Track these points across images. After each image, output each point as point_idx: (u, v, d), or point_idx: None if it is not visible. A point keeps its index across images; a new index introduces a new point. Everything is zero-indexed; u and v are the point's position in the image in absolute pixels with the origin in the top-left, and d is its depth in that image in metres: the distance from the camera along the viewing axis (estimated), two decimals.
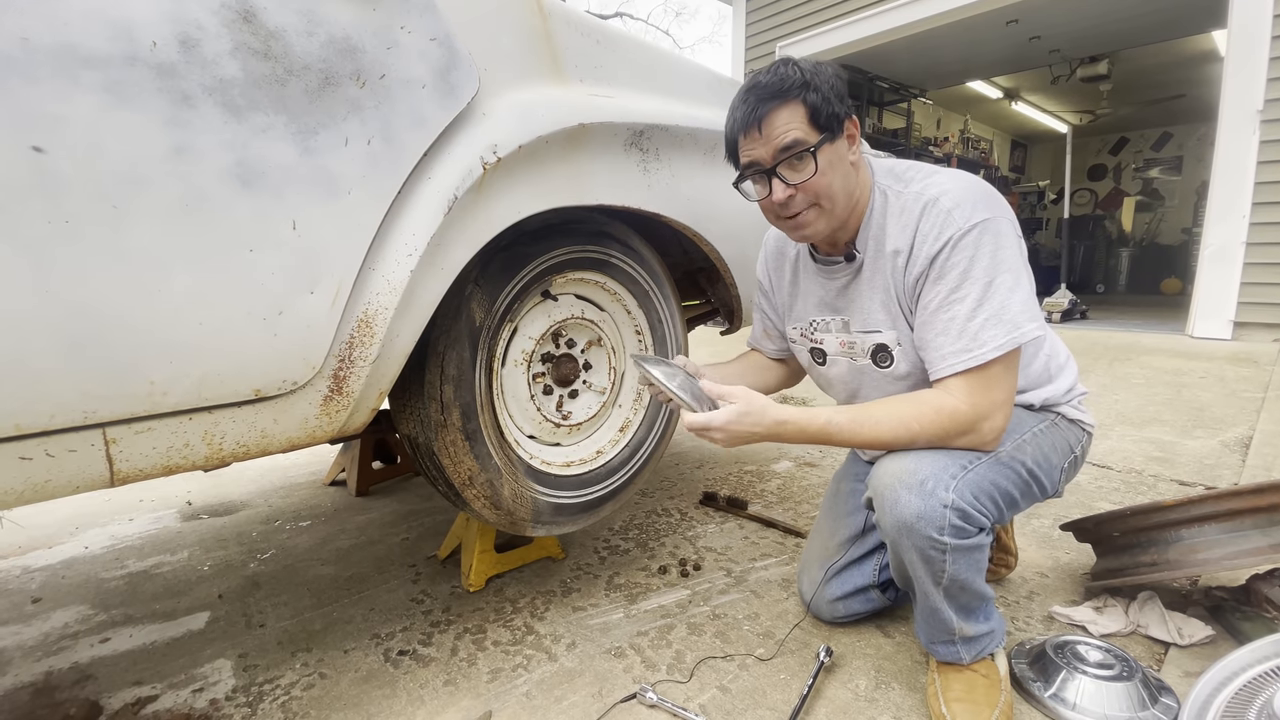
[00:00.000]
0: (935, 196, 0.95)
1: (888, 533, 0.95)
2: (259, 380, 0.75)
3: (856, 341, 1.09)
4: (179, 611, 1.40)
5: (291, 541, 1.74)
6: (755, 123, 0.94)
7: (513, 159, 0.95)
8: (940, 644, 1.03)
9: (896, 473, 0.93)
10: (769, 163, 0.95)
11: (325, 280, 0.77)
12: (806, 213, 0.98)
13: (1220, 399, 2.78)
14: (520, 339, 1.19)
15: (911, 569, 0.96)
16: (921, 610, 1.02)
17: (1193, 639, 1.16)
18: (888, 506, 0.93)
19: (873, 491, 0.97)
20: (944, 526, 0.90)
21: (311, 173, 0.76)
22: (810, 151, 0.93)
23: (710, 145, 1.32)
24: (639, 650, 1.19)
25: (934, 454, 0.94)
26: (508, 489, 1.14)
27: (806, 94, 0.92)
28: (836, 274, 1.09)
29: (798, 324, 1.19)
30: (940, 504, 0.89)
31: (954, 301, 0.92)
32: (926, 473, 0.91)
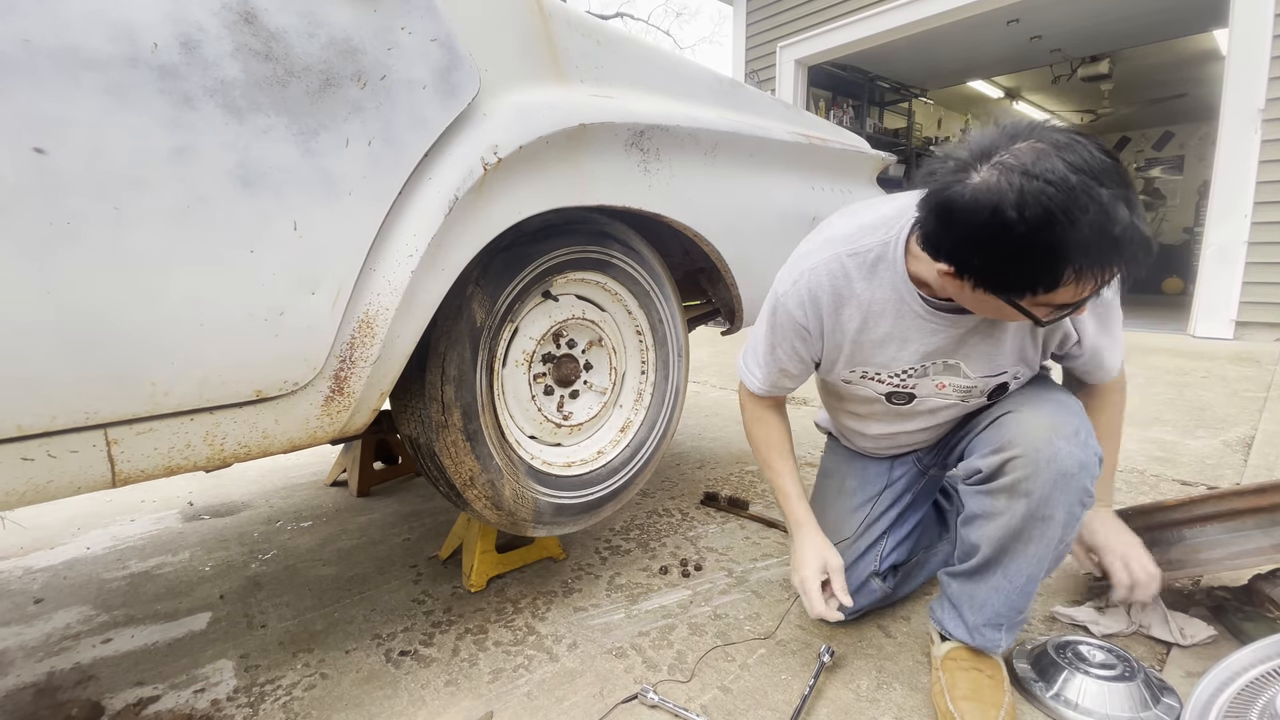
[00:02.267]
0: None
1: (1034, 489, 0.91)
2: (260, 381, 0.76)
3: (976, 385, 1.04)
4: (181, 612, 1.40)
5: (293, 542, 1.74)
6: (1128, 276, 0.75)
7: (513, 159, 0.95)
8: (992, 627, 1.02)
9: (1049, 425, 0.92)
10: (1074, 307, 0.80)
11: (326, 281, 0.77)
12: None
13: (1222, 399, 2.78)
14: (521, 339, 1.19)
15: (1044, 529, 0.94)
16: (1001, 583, 1.00)
17: (1195, 639, 1.16)
18: (1044, 460, 0.90)
19: (1019, 449, 0.92)
20: (1094, 477, 0.92)
21: (312, 174, 0.76)
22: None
23: (711, 146, 1.32)
24: (640, 650, 1.19)
25: (1064, 408, 0.96)
26: (509, 489, 1.14)
27: None
28: (963, 322, 0.98)
29: (871, 368, 1.07)
30: (1094, 453, 0.91)
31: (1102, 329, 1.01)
32: (1077, 423, 0.92)
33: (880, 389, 1.09)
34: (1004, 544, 0.97)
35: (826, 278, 1.02)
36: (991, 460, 0.97)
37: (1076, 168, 0.68)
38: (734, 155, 1.38)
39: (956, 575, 1.06)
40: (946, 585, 1.08)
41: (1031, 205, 0.68)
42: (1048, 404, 0.98)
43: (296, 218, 0.75)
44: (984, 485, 0.98)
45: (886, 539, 1.23)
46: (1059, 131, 0.72)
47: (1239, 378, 3.09)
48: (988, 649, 1.02)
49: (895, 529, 1.24)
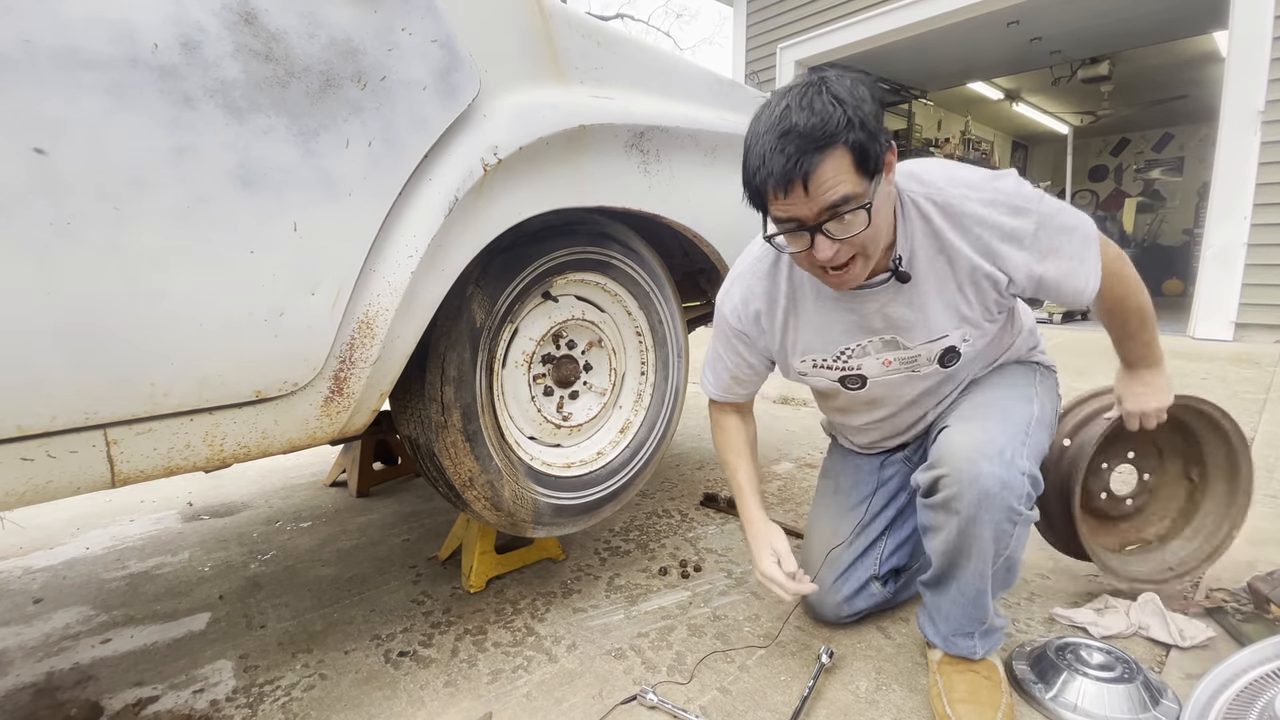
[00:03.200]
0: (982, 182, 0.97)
1: (961, 509, 0.91)
2: (260, 381, 0.76)
3: (920, 354, 1.03)
4: (180, 612, 1.40)
5: (292, 542, 1.74)
6: (800, 179, 0.80)
7: (513, 160, 0.95)
8: (962, 636, 1.02)
9: (973, 444, 0.92)
10: (813, 220, 0.83)
11: (326, 282, 0.78)
12: (852, 264, 0.90)
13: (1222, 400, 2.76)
14: (521, 340, 1.19)
15: (977, 546, 0.94)
16: (959, 598, 1.00)
17: (1194, 640, 1.16)
18: (967, 480, 0.90)
19: (946, 468, 0.93)
20: (1022, 495, 0.91)
21: (313, 174, 0.76)
22: (865, 207, 0.83)
23: (711, 147, 1.32)
24: (639, 651, 1.19)
25: (1000, 423, 0.96)
26: (508, 490, 1.14)
27: (851, 135, 0.79)
28: (873, 298, 1.00)
29: (814, 356, 1.09)
30: (1020, 472, 0.90)
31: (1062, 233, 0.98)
32: (1003, 442, 0.92)
33: (832, 375, 1.11)
34: (949, 558, 0.99)
35: (753, 281, 1.08)
36: (926, 476, 0.98)
37: (780, 93, 0.85)
38: (734, 156, 1.37)
39: (925, 585, 1.07)
40: (923, 594, 1.09)
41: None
42: (981, 419, 0.99)
43: (297, 218, 0.75)
44: (924, 500, 1.00)
45: (885, 540, 1.23)
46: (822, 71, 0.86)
47: (1239, 379, 3.09)
48: (965, 655, 1.02)
49: (894, 531, 1.24)
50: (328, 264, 0.78)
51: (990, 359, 1.15)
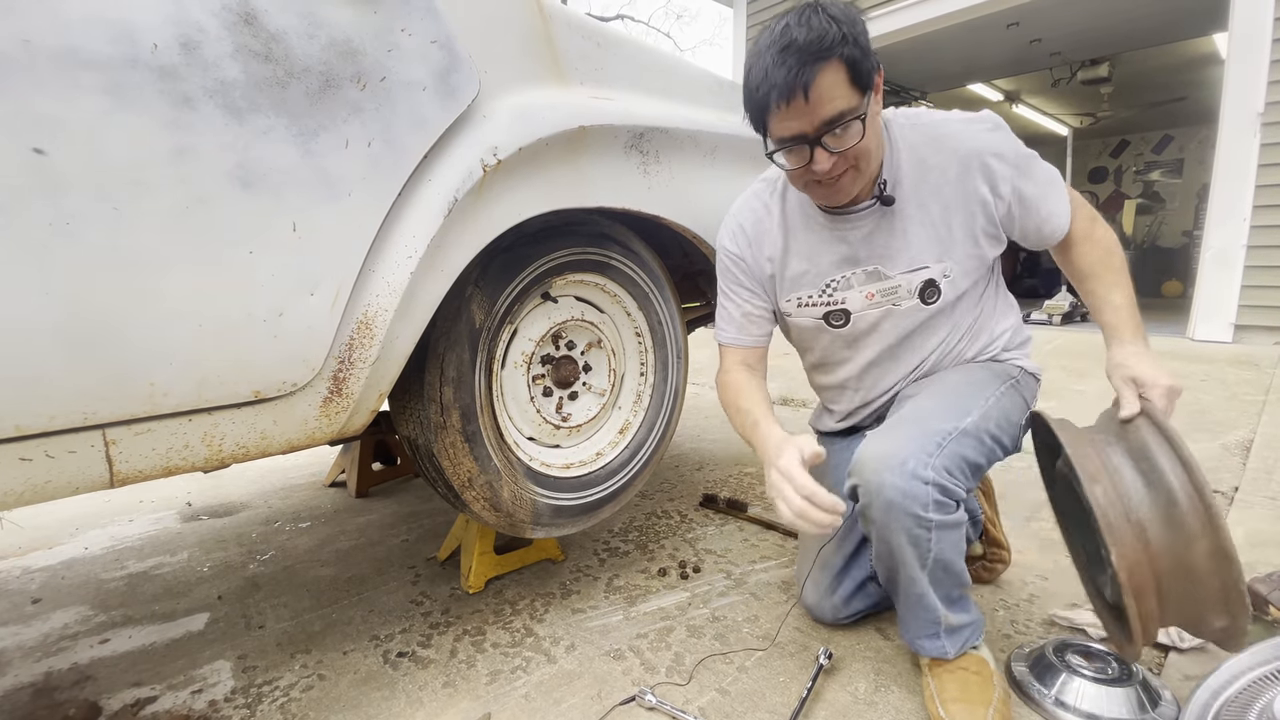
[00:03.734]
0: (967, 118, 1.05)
1: (875, 518, 0.94)
2: (259, 382, 0.76)
3: (899, 285, 1.06)
4: (178, 613, 1.40)
5: (291, 543, 1.74)
6: (800, 89, 0.84)
7: (513, 161, 0.95)
8: (926, 638, 1.02)
9: (878, 456, 0.93)
10: (813, 133, 0.89)
11: (325, 282, 0.78)
12: (845, 176, 0.95)
13: (1221, 402, 2.78)
14: (520, 341, 1.19)
15: (898, 553, 0.95)
16: (906, 602, 1.02)
17: (1192, 642, 1.16)
18: (873, 491, 0.93)
19: (858, 479, 0.95)
20: (927, 503, 0.90)
21: (312, 175, 0.76)
22: (860, 118, 0.88)
23: (711, 148, 1.32)
24: (638, 652, 1.19)
25: (910, 434, 0.95)
26: (507, 491, 1.14)
27: (846, 49, 0.85)
28: (860, 221, 1.05)
29: (802, 291, 1.12)
30: (922, 481, 0.90)
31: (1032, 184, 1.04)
32: (906, 453, 0.92)
33: (816, 313, 1.14)
34: (883, 563, 1.01)
35: (748, 210, 1.16)
36: (848, 484, 0.99)
37: (780, 15, 0.90)
38: (734, 157, 1.38)
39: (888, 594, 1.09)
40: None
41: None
42: (896, 427, 0.99)
43: (296, 219, 0.75)
44: (852, 506, 1.01)
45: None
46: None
47: (1238, 381, 3.09)
48: (939, 656, 1.02)
49: None
50: (327, 264, 0.78)
51: (967, 327, 1.14)
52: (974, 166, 1.01)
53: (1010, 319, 1.19)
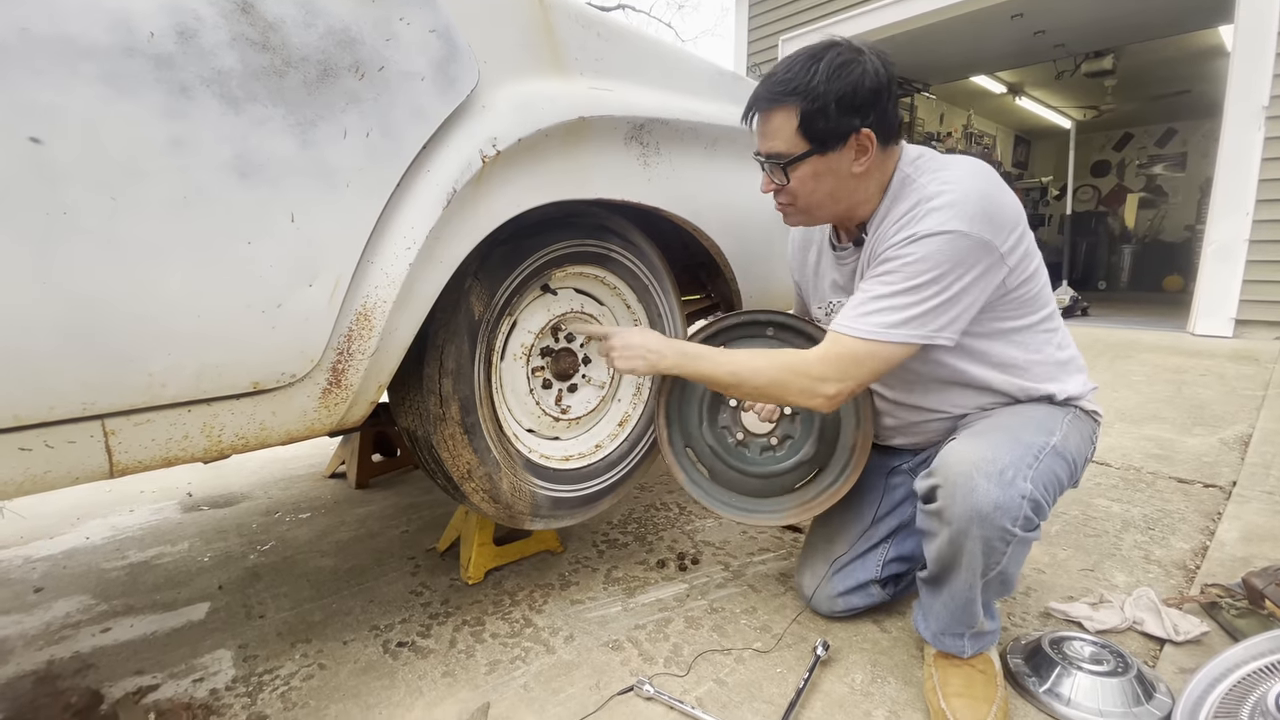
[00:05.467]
0: (936, 192, 0.95)
1: (954, 520, 0.90)
2: (257, 373, 0.76)
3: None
4: (179, 602, 1.41)
5: (291, 533, 1.74)
6: (751, 116, 1.02)
7: (512, 152, 0.95)
8: (951, 636, 1.02)
9: (973, 460, 0.90)
10: (760, 156, 1.04)
11: (324, 273, 0.77)
12: (785, 206, 1.08)
13: (1220, 396, 2.78)
14: (519, 333, 1.19)
15: (965, 558, 0.93)
16: (949, 602, 1.00)
17: (1188, 635, 1.16)
18: (961, 494, 0.89)
19: (941, 479, 0.92)
20: (1018, 518, 0.88)
21: (310, 165, 0.75)
22: (783, 166, 1.00)
23: (712, 140, 1.31)
24: (636, 643, 1.20)
25: (1004, 443, 0.94)
26: (506, 482, 1.15)
27: (804, 103, 0.94)
28: (846, 259, 1.14)
29: (819, 305, 1.25)
30: (1019, 495, 0.88)
31: (879, 282, 0.97)
32: (1005, 461, 0.90)
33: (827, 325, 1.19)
34: (941, 563, 0.99)
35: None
36: (923, 484, 0.98)
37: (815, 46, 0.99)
38: (735, 149, 1.37)
39: (922, 581, 1.07)
40: (919, 589, 1.09)
41: None
42: (992, 434, 0.97)
43: (294, 209, 0.74)
44: (922, 505, 0.99)
45: (888, 546, 1.23)
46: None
47: (1237, 376, 3.09)
48: (954, 653, 1.03)
49: (898, 539, 1.24)
50: (325, 255, 0.77)
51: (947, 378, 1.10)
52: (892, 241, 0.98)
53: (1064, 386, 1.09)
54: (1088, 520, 1.70)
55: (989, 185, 0.96)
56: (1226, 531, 1.60)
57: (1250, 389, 2.86)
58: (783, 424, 1.27)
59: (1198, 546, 1.55)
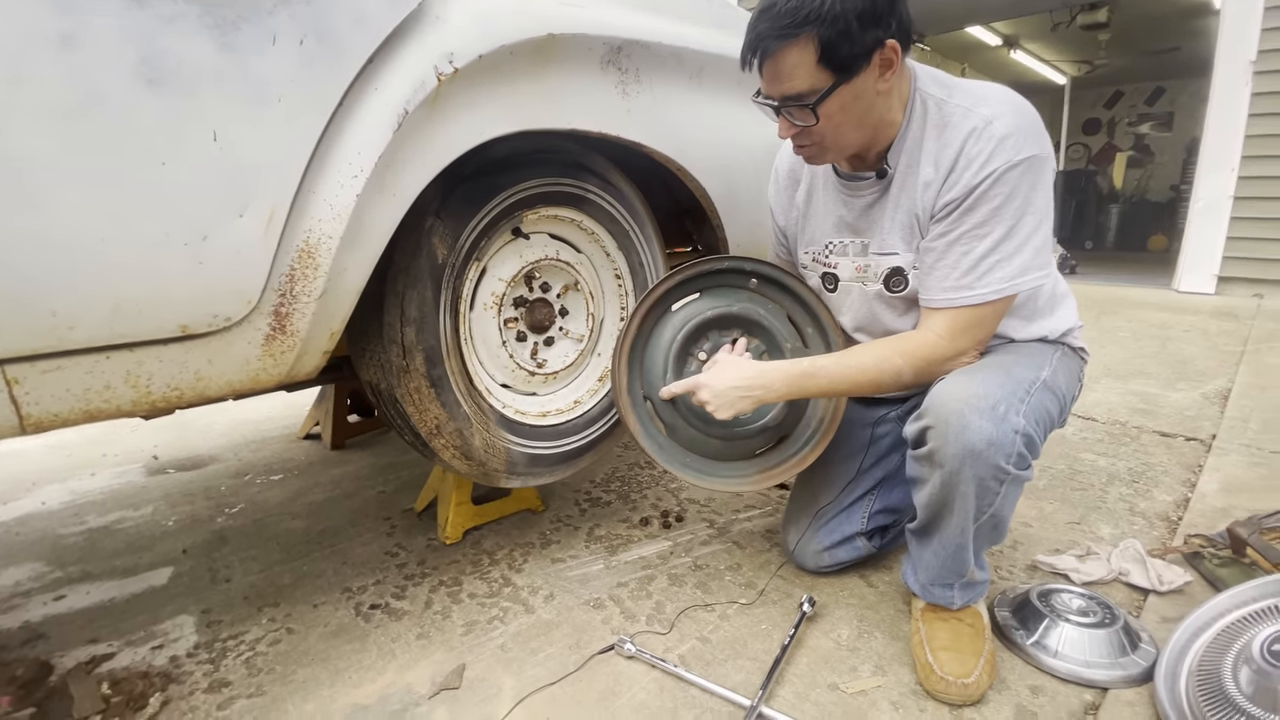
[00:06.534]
0: (988, 118, 0.87)
1: (947, 460, 0.86)
2: (185, 314, 0.67)
3: (871, 264, 1.03)
4: (140, 567, 1.35)
5: (262, 496, 1.68)
6: (756, 60, 0.86)
7: (472, 71, 0.85)
8: (940, 586, 1.00)
9: (964, 397, 0.85)
10: (775, 100, 0.89)
11: (256, 202, 0.68)
12: (811, 148, 0.95)
13: (1203, 352, 2.78)
14: (490, 280, 1.11)
15: (958, 500, 0.89)
16: (939, 550, 0.97)
17: (1171, 585, 1.16)
18: (953, 432, 0.84)
19: (932, 419, 0.87)
20: (1012, 454, 0.84)
21: (233, 74, 0.66)
22: (811, 107, 0.86)
23: (697, 68, 1.21)
24: (619, 601, 1.17)
25: (998, 377, 0.89)
26: (479, 439, 1.08)
27: (821, 30, 0.81)
28: (862, 191, 1.02)
29: (811, 248, 1.13)
30: (1012, 429, 0.84)
31: (975, 237, 0.88)
32: (997, 396, 0.85)
33: (818, 270, 1.12)
34: (932, 510, 0.95)
35: (785, 161, 1.15)
36: (913, 428, 0.92)
37: None
38: (722, 80, 1.27)
39: (911, 533, 1.04)
40: (908, 541, 1.06)
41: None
42: (981, 372, 0.92)
43: (216, 126, 0.65)
44: (911, 451, 0.94)
45: (874, 499, 1.20)
46: None
47: (1219, 332, 3.10)
48: (943, 604, 1.00)
49: (883, 490, 1.21)
50: (257, 181, 0.68)
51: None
52: (962, 184, 0.89)
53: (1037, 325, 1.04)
54: (1074, 474, 1.69)
55: (1025, 103, 0.92)
56: (1207, 483, 1.60)
57: (1230, 345, 2.87)
58: None
59: (1180, 498, 1.55)
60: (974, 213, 0.88)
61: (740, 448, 1.18)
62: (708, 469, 1.18)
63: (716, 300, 1.15)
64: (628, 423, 1.15)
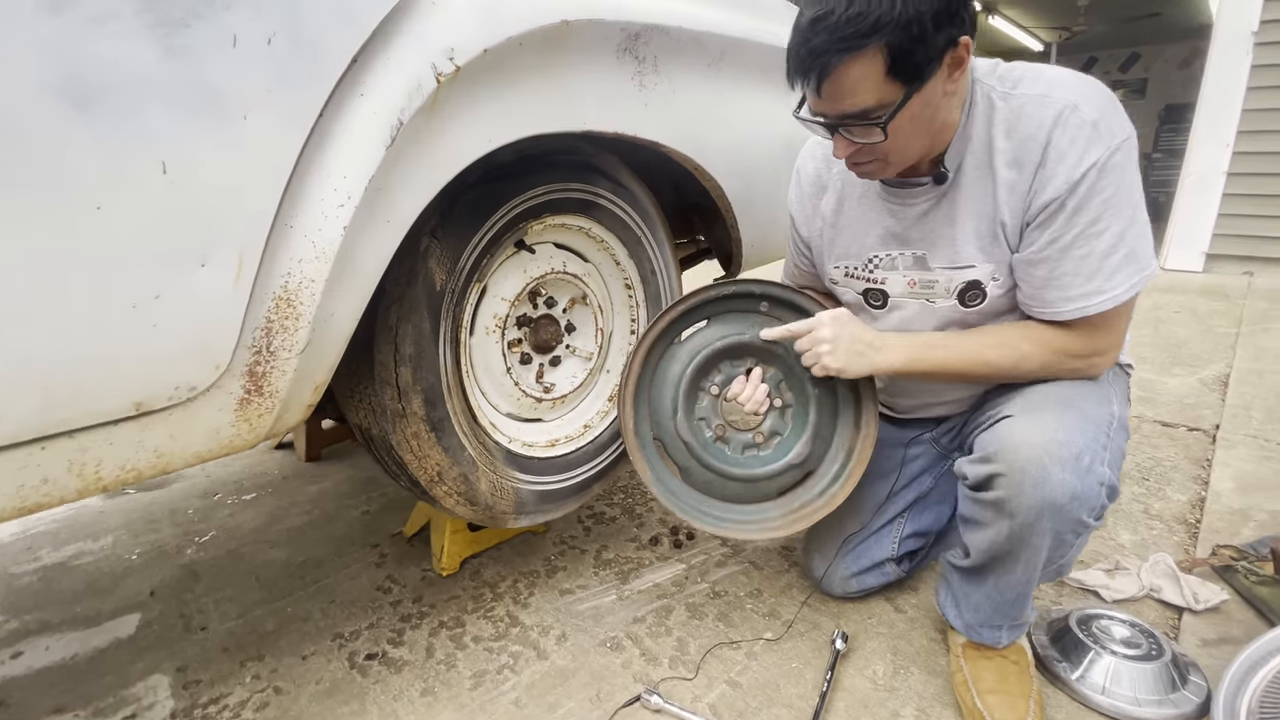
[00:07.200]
0: (1071, 104, 0.77)
1: (1020, 512, 0.79)
2: (138, 390, 0.54)
3: (938, 280, 0.92)
4: (104, 615, 1.22)
5: (234, 520, 1.55)
6: (814, 79, 0.74)
7: (476, 69, 0.71)
8: (989, 627, 0.94)
9: (1043, 444, 0.77)
10: (831, 118, 0.79)
11: (221, 246, 0.55)
12: (872, 165, 0.84)
13: (1196, 335, 2.79)
14: (491, 301, 0.98)
15: (1027, 552, 0.83)
16: (992, 593, 0.91)
17: (1207, 603, 1.12)
18: (1030, 484, 0.77)
19: (1004, 465, 0.79)
20: (1095, 507, 0.78)
21: (184, 87, 0.52)
22: (881, 124, 0.75)
23: (717, 54, 1.08)
24: (637, 640, 1.09)
25: (1074, 419, 0.80)
26: (485, 482, 0.97)
27: (893, 36, 0.70)
28: (915, 199, 0.91)
29: (846, 262, 1.02)
30: (1097, 482, 0.77)
31: (1092, 236, 0.78)
32: (1080, 445, 0.77)
33: (857, 286, 1.02)
34: (992, 555, 0.88)
35: (810, 164, 1.04)
36: (978, 470, 0.83)
37: None
38: (740, 68, 1.14)
39: (955, 568, 0.97)
40: (948, 574, 1.00)
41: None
42: (1055, 411, 0.82)
43: (165, 154, 0.51)
44: (972, 493, 0.86)
45: (904, 522, 1.14)
46: None
47: (1209, 312, 3.12)
48: (988, 644, 0.95)
49: (914, 514, 1.14)
50: (220, 220, 0.55)
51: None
52: (1060, 179, 0.79)
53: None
54: None
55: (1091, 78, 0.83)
56: (1220, 481, 1.59)
57: (1223, 326, 2.88)
58: (770, 418, 1.06)
59: (1194, 498, 1.53)
60: (1084, 210, 0.77)
61: (762, 489, 1.08)
62: (727, 514, 1.09)
63: (726, 328, 1.04)
64: (637, 467, 1.05)
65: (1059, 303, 0.82)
